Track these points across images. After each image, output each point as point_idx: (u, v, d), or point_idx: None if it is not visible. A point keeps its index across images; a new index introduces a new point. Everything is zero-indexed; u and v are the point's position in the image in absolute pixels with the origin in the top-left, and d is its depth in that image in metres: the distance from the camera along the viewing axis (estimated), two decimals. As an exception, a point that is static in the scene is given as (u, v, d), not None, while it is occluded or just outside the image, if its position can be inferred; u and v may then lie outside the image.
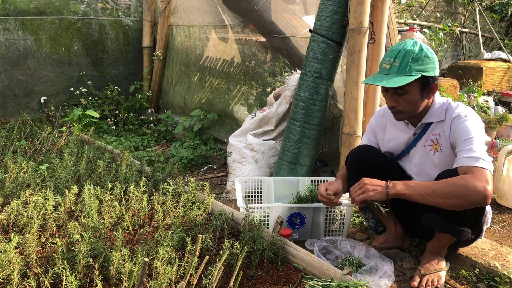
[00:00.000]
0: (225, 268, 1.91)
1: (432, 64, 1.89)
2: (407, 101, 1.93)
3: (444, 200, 1.72)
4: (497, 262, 2.02)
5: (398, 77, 1.87)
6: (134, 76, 5.34)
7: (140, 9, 5.29)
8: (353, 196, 1.89)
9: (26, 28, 4.74)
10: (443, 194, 1.71)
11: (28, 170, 2.78)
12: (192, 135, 4.23)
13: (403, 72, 1.87)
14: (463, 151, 1.79)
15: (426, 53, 1.88)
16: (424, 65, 1.87)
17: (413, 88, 1.90)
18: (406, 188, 1.79)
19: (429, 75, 1.88)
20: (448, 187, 1.70)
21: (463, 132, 1.84)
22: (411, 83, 1.87)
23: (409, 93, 1.91)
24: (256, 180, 2.77)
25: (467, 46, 6.93)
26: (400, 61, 1.88)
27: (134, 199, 2.39)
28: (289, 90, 3.08)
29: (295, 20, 3.53)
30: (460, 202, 1.70)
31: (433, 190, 1.73)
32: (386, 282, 1.88)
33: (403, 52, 1.88)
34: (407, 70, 1.86)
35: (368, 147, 2.22)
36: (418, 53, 1.87)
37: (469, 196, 1.67)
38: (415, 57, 1.87)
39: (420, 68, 1.87)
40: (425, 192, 1.74)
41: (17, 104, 4.83)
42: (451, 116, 1.91)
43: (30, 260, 1.82)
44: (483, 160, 1.73)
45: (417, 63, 1.86)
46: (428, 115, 1.99)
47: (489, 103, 4.57)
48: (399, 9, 6.43)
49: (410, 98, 1.91)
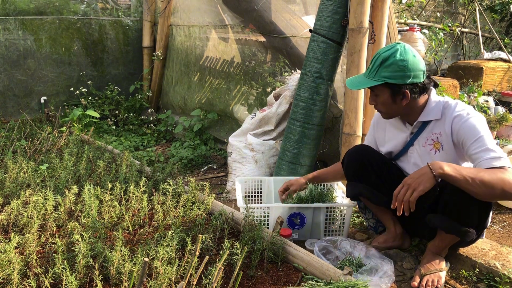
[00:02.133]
0: (225, 268, 1.90)
1: (401, 73, 1.89)
2: (381, 103, 2.01)
3: (485, 189, 1.69)
4: (497, 262, 2.02)
5: (365, 80, 1.98)
6: (134, 76, 5.34)
7: (140, 9, 5.29)
8: (405, 200, 1.76)
9: (26, 28, 4.74)
10: (485, 182, 1.68)
11: (28, 170, 2.78)
12: (192, 135, 4.23)
13: (370, 76, 1.96)
14: (480, 153, 1.77)
15: (398, 61, 1.89)
16: (391, 72, 1.90)
17: (382, 92, 1.97)
18: (451, 169, 1.73)
19: (394, 83, 1.91)
20: (490, 176, 1.68)
21: (470, 131, 1.83)
22: (379, 88, 1.96)
23: (379, 96, 1.99)
24: (256, 180, 2.77)
25: (467, 46, 6.93)
26: (372, 65, 1.97)
27: (134, 199, 2.39)
28: (289, 90, 3.08)
29: (295, 20, 3.53)
30: (497, 193, 1.69)
31: (476, 175, 1.70)
32: (386, 282, 1.88)
33: (377, 57, 1.95)
34: (374, 75, 1.95)
35: (365, 147, 2.22)
36: (390, 59, 1.90)
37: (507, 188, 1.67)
38: (386, 63, 1.91)
39: (386, 75, 1.91)
40: (469, 176, 1.70)
41: (17, 104, 4.83)
42: (451, 114, 1.91)
43: (30, 260, 1.82)
44: (503, 158, 1.74)
45: (385, 69, 1.91)
46: (423, 113, 2.00)
47: (489, 103, 4.56)
48: (399, 9, 6.43)
49: (382, 101, 1.99)
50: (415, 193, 1.74)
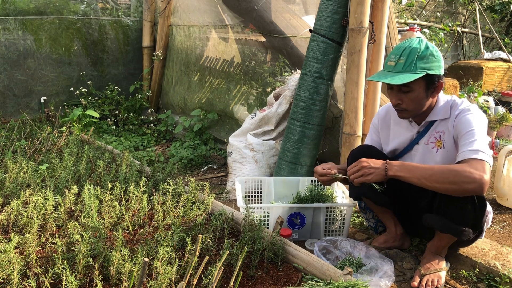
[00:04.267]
0: (225, 268, 1.90)
1: (438, 63, 1.89)
2: (411, 99, 1.93)
3: (440, 185, 1.74)
4: (497, 262, 2.02)
5: (403, 75, 1.87)
6: (134, 76, 5.34)
7: (140, 9, 5.29)
8: (351, 177, 1.90)
9: (26, 28, 4.74)
10: (439, 179, 1.72)
11: (28, 170, 2.78)
12: (192, 135, 4.23)
13: (408, 70, 1.88)
14: (464, 145, 1.79)
15: (431, 51, 1.88)
16: (430, 63, 1.87)
17: (418, 86, 1.90)
18: (403, 170, 1.81)
19: (434, 74, 1.88)
20: (445, 173, 1.72)
21: (464, 125, 1.85)
22: (416, 81, 1.88)
23: (414, 91, 1.91)
24: (256, 180, 2.77)
25: (467, 46, 6.93)
26: (406, 59, 1.88)
27: (134, 199, 2.38)
28: (289, 90, 3.08)
29: (295, 20, 3.53)
30: (455, 188, 1.71)
31: (431, 174, 1.75)
32: (386, 282, 1.88)
33: (408, 50, 1.89)
34: (412, 67, 1.87)
35: (369, 147, 2.21)
36: (423, 51, 1.87)
37: (464, 183, 1.69)
38: (421, 55, 1.87)
39: (425, 66, 1.87)
40: (422, 175, 1.76)
41: (17, 104, 4.83)
42: (455, 112, 1.92)
43: (30, 260, 1.82)
44: (483, 152, 1.73)
45: (422, 61, 1.87)
46: (432, 113, 1.99)
47: (489, 103, 4.56)
48: (399, 9, 6.43)
49: (415, 96, 1.92)
50: (362, 178, 1.87)
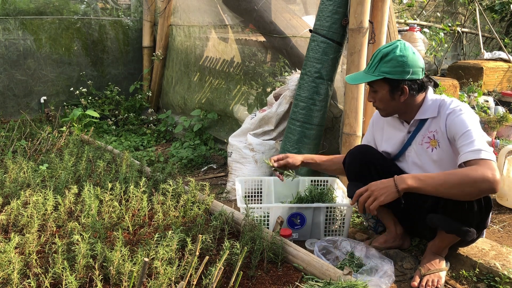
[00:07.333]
0: (225, 268, 1.90)
1: (401, 68, 1.91)
2: (379, 99, 2.01)
3: (457, 190, 1.70)
4: (497, 262, 2.02)
5: (364, 75, 1.99)
6: (134, 76, 5.34)
7: (140, 9, 5.29)
8: (366, 206, 1.82)
9: (26, 28, 4.74)
10: (455, 184, 1.69)
11: (28, 170, 2.78)
12: (192, 135, 4.23)
13: (370, 72, 1.98)
14: (464, 146, 1.79)
15: (397, 56, 1.91)
16: (390, 68, 1.92)
17: (381, 88, 1.98)
18: (415, 181, 1.75)
19: (393, 78, 1.92)
20: (459, 177, 1.70)
21: (459, 126, 1.85)
22: (378, 83, 1.97)
23: (378, 92, 2.00)
24: (256, 180, 2.77)
25: (467, 46, 6.93)
26: (372, 61, 1.98)
27: (134, 199, 2.38)
28: (289, 90, 3.08)
29: (295, 20, 3.53)
30: (472, 191, 1.70)
31: (444, 181, 1.71)
32: (386, 282, 1.88)
33: (377, 53, 1.97)
34: (374, 70, 1.96)
35: (367, 147, 2.22)
36: (390, 55, 1.92)
37: (480, 183, 1.67)
38: (385, 59, 1.93)
39: (385, 70, 1.93)
40: (436, 183, 1.72)
41: (17, 104, 4.83)
42: (445, 111, 1.93)
43: (30, 260, 1.82)
44: (485, 151, 1.74)
45: (385, 64, 1.93)
46: (420, 111, 2.01)
47: (489, 103, 4.57)
48: (399, 9, 6.43)
49: (380, 97, 2.00)
50: (375, 202, 1.79)
